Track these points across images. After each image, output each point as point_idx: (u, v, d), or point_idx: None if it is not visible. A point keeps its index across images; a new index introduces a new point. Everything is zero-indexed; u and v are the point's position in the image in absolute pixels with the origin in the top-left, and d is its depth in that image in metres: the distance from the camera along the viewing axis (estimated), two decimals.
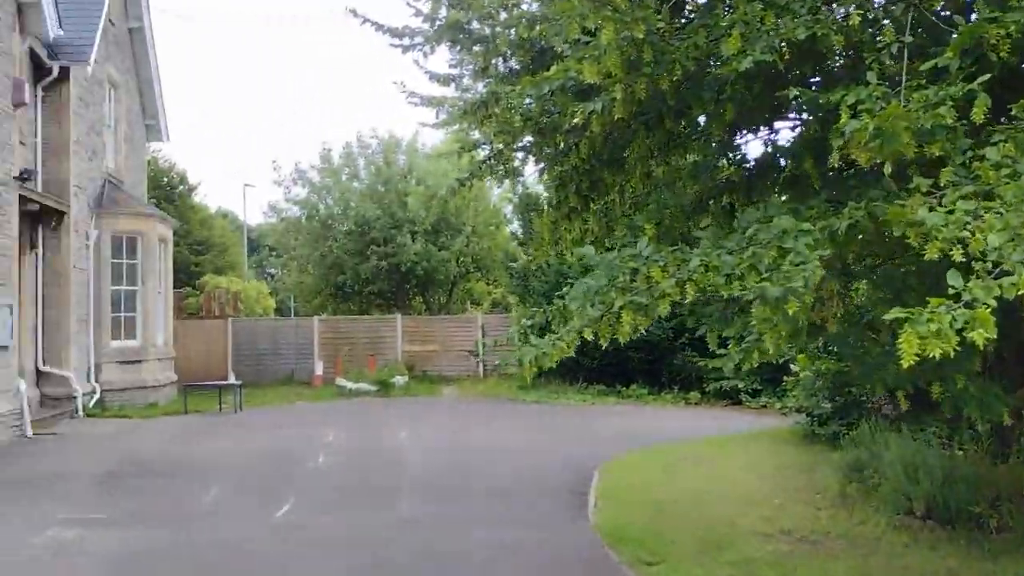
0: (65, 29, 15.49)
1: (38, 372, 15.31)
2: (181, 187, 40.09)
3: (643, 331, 4.73)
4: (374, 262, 23.51)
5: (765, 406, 15.79)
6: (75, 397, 15.53)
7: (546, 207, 7.09)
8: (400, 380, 19.74)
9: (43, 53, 14.86)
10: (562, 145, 6.12)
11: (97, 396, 16.52)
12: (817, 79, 5.33)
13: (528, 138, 6.81)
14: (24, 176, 13.11)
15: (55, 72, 15.15)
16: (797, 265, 3.78)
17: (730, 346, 5.96)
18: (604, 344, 4.59)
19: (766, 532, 7.10)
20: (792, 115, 5.62)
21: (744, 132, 5.90)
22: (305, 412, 16.61)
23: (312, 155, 44.12)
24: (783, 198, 5.47)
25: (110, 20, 17.51)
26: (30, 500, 8.66)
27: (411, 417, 15.35)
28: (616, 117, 4.86)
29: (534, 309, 18.15)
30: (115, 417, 15.69)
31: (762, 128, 5.88)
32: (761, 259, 3.91)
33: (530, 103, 5.91)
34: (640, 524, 7.59)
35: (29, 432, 12.94)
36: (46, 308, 15.51)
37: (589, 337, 4.44)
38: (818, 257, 3.80)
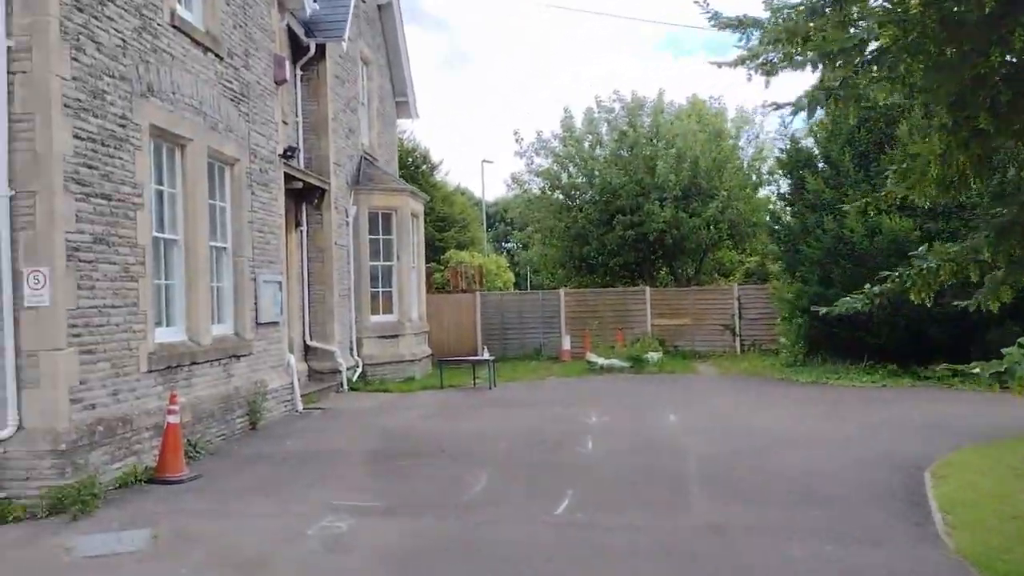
0: (319, 6, 15.66)
1: (306, 347, 15.75)
2: (424, 166, 41.37)
3: None
4: (620, 232, 22.32)
5: None
6: (339, 371, 15.83)
7: (929, 132, 5.33)
8: (653, 356, 18.49)
9: (299, 31, 15.08)
10: (967, 48, 4.33)
11: (359, 370, 16.81)
12: None
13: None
14: (288, 154, 13.29)
15: (312, 50, 15.35)
16: None
17: None
18: None
19: None
20: None
21: None
22: (558, 389, 15.86)
23: (553, 122, 43.97)
24: None
25: None
26: (303, 482, 8.41)
27: (673, 397, 14.06)
28: None
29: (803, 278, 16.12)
30: (376, 391, 15.83)
31: None
32: None
33: None
34: (1019, 552, 5.83)
35: (300, 407, 13.17)
36: (311, 284, 15.91)
37: None
38: None
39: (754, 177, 23.35)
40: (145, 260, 9.06)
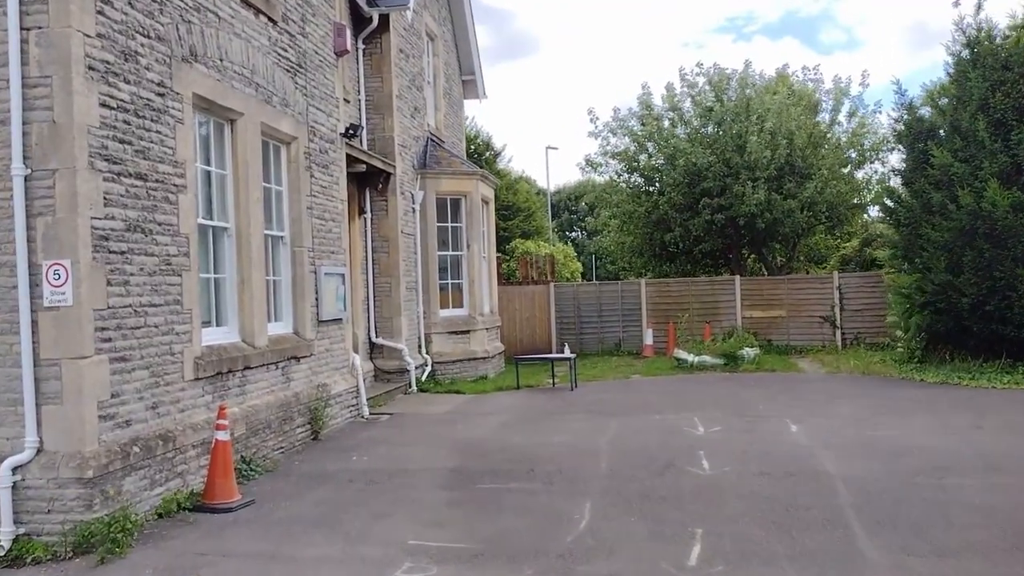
0: None
1: (371, 344, 14.53)
2: (488, 152, 40.02)
3: None
4: (706, 216, 20.49)
5: None
6: (407, 370, 14.57)
7: None
8: (749, 352, 16.76)
9: (362, 0, 13.77)
10: None
11: (429, 369, 15.54)
12: None
13: None
14: (350, 132, 12.00)
15: (375, 20, 14.04)
16: None
17: None
18: None
19: None
20: None
21: None
22: (648, 390, 14.30)
23: (630, 100, 41.12)
24: None
25: None
26: (372, 510, 7.08)
27: (784, 401, 12.37)
28: None
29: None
30: (447, 392, 14.51)
31: None
32: None
33: None
34: None
35: (366, 412, 11.92)
36: (376, 276, 14.68)
37: None
38: None
39: (854, 154, 21.17)
40: (189, 251, 7.84)
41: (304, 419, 10.06)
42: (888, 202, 15.96)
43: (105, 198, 6.64)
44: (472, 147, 37.40)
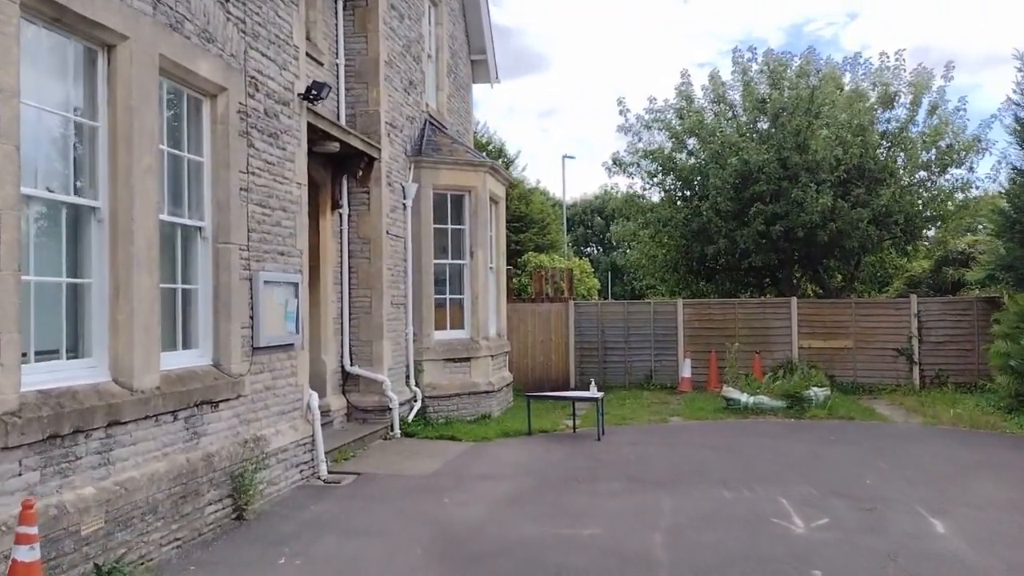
0: None
1: (344, 374, 11.42)
2: (500, 159, 37.06)
3: None
4: (758, 226, 17.20)
5: None
6: (390, 408, 11.43)
7: None
8: (819, 394, 13.50)
9: None
10: None
11: (418, 405, 12.41)
12: None
13: None
14: (313, 94, 8.90)
15: None
16: None
17: None
18: None
19: None
20: None
21: None
22: (697, 442, 11.10)
23: (665, 91, 36.92)
24: None
25: None
26: None
27: (894, 471, 9.07)
28: None
29: None
30: (439, 438, 11.35)
31: None
32: None
33: None
34: None
35: (323, 471, 8.77)
36: (352, 288, 11.58)
37: None
38: None
39: (931, 156, 17.75)
40: (1, 238, 4.75)
41: (222, 491, 6.94)
42: (1009, 211, 12.67)
43: None
44: (484, 153, 34.42)
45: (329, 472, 8.91)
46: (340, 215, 11.40)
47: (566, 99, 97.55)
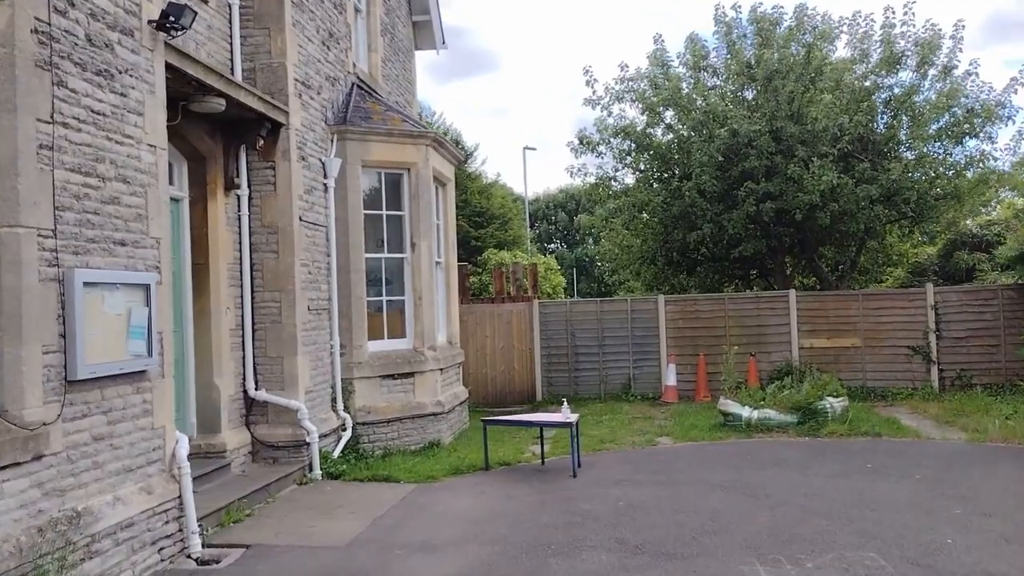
0: None
1: (247, 401, 8.89)
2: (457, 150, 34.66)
3: None
4: (748, 208, 14.87)
5: None
6: (307, 443, 8.92)
7: None
8: (835, 405, 11.26)
9: None
10: None
11: (347, 435, 9.94)
12: None
13: None
14: (172, 20, 6.36)
15: None
16: None
17: None
18: None
19: None
20: None
21: None
22: (697, 478, 8.75)
23: (638, 58, 34.57)
24: None
25: None
26: None
27: (969, 519, 6.83)
28: None
29: None
30: (372, 480, 8.89)
31: None
32: None
33: None
34: None
35: (196, 547, 6.25)
36: (256, 290, 9.06)
37: None
38: None
39: (942, 125, 15.47)
40: None
41: None
42: None
43: None
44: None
45: (206, 546, 6.40)
46: (237, 197, 8.86)
47: (519, 97, 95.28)
